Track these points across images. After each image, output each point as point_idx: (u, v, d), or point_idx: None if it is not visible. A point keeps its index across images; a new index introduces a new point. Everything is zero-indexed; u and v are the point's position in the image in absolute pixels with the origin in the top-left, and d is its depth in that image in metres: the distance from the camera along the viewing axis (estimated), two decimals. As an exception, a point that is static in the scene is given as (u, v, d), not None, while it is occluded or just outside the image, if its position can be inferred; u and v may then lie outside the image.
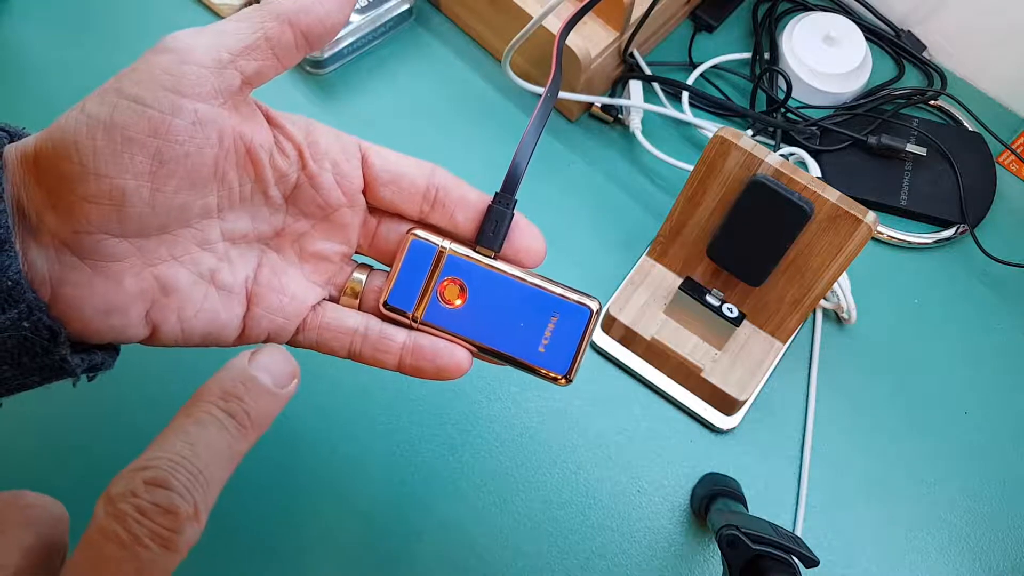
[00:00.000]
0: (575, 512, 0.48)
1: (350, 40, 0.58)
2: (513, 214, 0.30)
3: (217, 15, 0.61)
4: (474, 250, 0.30)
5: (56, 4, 0.61)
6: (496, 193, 0.30)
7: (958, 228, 0.57)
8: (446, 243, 0.30)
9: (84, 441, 0.48)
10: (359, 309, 0.30)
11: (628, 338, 0.50)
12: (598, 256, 0.55)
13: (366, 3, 0.58)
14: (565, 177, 0.57)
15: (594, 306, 0.29)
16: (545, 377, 0.30)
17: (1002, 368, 0.53)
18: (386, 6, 0.58)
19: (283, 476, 0.48)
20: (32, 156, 0.23)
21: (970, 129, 0.60)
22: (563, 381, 0.30)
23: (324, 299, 0.30)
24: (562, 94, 0.55)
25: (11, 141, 0.24)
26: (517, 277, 0.30)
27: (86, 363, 0.25)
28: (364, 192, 0.30)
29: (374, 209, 0.31)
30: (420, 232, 0.30)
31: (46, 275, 0.24)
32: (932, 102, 0.62)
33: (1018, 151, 0.58)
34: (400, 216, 0.31)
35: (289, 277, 0.29)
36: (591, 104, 0.58)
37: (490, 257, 0.30)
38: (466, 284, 0.29)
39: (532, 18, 0.49)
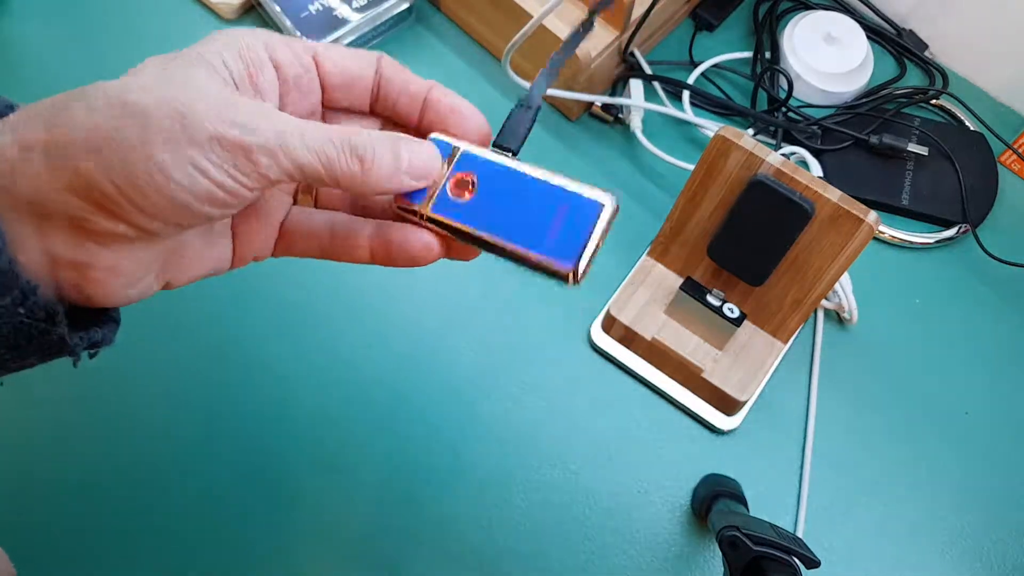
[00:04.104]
0: (576, 512, 0.48)
1: (349, 39, 0.58)
2: (535, 119, 0.29)
3: (216, 14, 0.60)
4: (492, 150, 0.29)
5: (56, 4, 0.61)
6: (519, 98, 0.30)
7: (960, 228, 0.56)
8: (463, 143, 0.29)
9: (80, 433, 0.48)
10: (316, 206, 0.30)
11: (628, 338, 0.50)
12: (598, 256, 0.54)
13: (365, 2, 0.58)
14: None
15: (607, 201, 0.28)
16: (551, 272, 0.27)
17: (1004, 368, 0.53)
18: (385, 5, 0.58)
19: (280, 477, 0.48)
20: (84, 182, 0.22)
21: (972, 128, 0.60)
22: (570, 277, 0.27)
23: (291, 206, 0.30)
24: (562, 93, 0.55)
25: None
26: (530, 172, 0.28)
27: (86, 341, 0.25)
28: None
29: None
30: (438, 135, 0.29)
31: (71, 260, 0.23)
32: (934, 101, 0.61)
33: (1020, 150, 0.58)
34: (348, 111, 0.30)
35: (263, 202, 0.29)
36: (591, 103, 0.58)
37: (507, 155, 0.29)
38: (477, 178, 0.29)
39: (532, 17, 0.48)
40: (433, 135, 0.29)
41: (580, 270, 0.27)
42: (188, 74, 0.24)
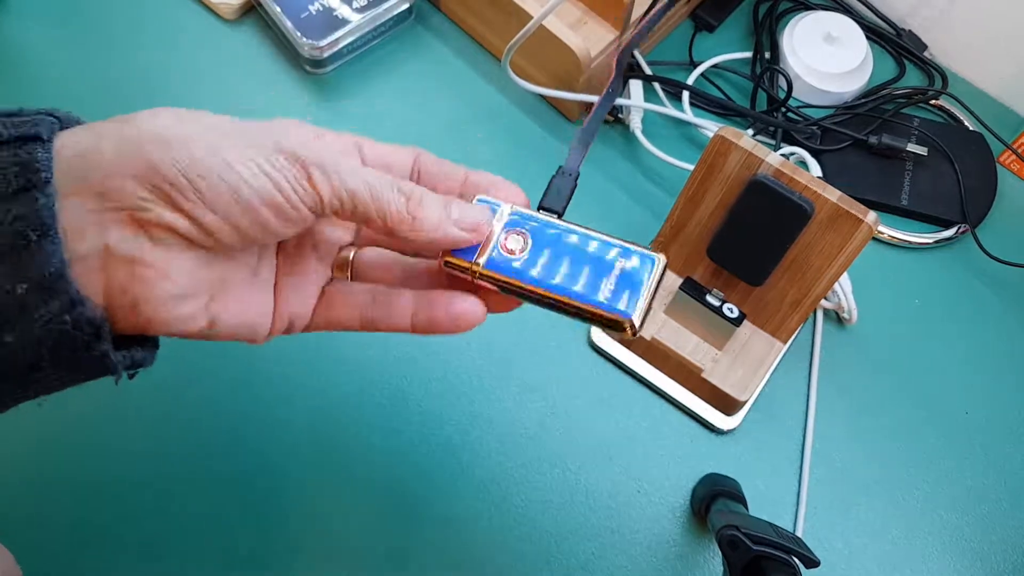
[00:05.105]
0: (575, 513, 0.48)
1: (350, 40, 0.58)
2: (576, 184, 0.32)
3: (216, 14, 0.60)
4: (538, 212, 0.30)
5: (56, 4, 0.61)
6: (560, 167, 0.33)
7: (959, 228, 0.57)
8: (509, 204, 0.30)
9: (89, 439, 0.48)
10: (352, 279, 0.32)
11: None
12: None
13: (366, 3, 0.58)
14: (565, 177, 0.57)
15: (660, 257, 0.28)
16: (611, 323, 0.28)
17: (1003, 368, 0.53)
18: (386, 5, 0.58)
19: (279, 477, 0.48)
20: (151, 168, 0.23)
21: (971, 128, 0.60)
22: (628, 328, 0.28)
23: (330, 276, 0.32)
24: (562, 94, 0.55)
25: (61, 128, 0.24)
26: (581, 229, 0.29)
27: (128, 359, 0.25)
28: None
29: None
30: (484, 196, 0.30)
31: (125, 254, 0.24)
32: (933, 101, 0.62)
33: (1019, 151, 0.58)
34: None
35: (304, 264, 0.30)
36: (591, 104, 0.58)
37: (554, 217, 0.30)
38: (529, 235, 0.29)
39: (532, 18, 0.48)
40: (479, 196, 0.30)
41: (638, 321, 0.28)
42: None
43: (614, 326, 0.28)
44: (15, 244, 0.22)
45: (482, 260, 0.29)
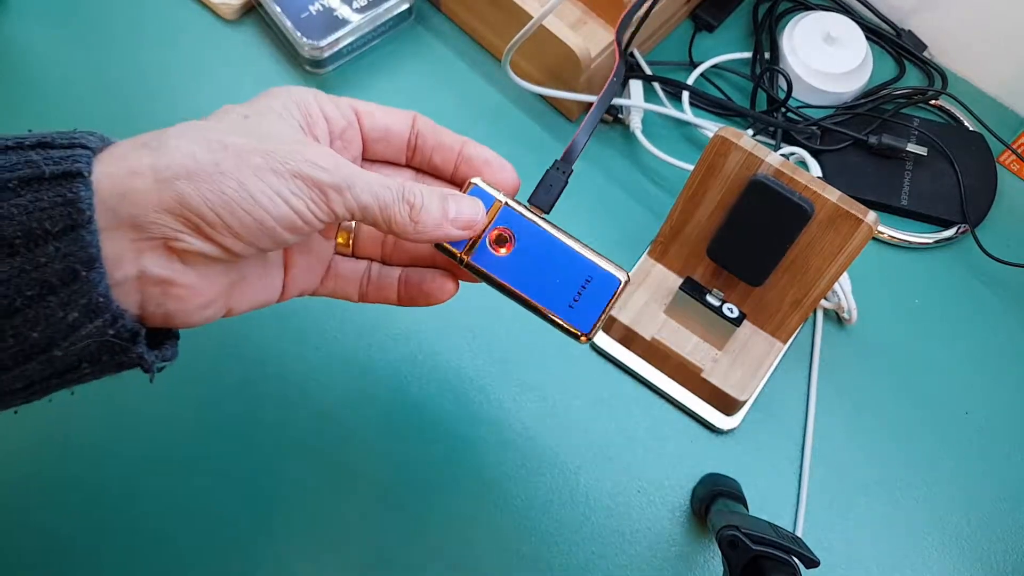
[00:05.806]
0: (575, 513, 0.48)
1: (349, 40, 0.58)
2: (567, 182, 0.33)
3: (216, 14, 0.60)
4: (527, 208, 0.33)
5: (56, 4, 0.61)
6: (556, 161, 0.34)
7: (959, 228, 0.57)
8: (502, 196, 0.32)
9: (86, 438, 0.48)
10: (353, 253, 0.35)
11: (628, 338, 0.50)
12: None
13: (366, 3, 0.58)
14: (565, 177, 0.57)
15: (623, 277, 0.32)
16: (567, 331, 0.33)
17: (1003, 368, 0.53)
18: (385, 5, 0.58)
19: (278, 478, 0.48)
20: (183, 204, 0.25)
21: (971, 129, 0.60)
22: (583, 338, 0.33)
23: (333, 253, 0.34)
24: (562, 94, 0.55)
25: (94, 153, 0.25)
26: (562, 239, 0.32)
27: (160, 358, 0.28)
28: None
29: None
30: (480, 182, 0.32)
31: (159, 276, 0.26)
32: (933, 102, 0.62)
33: (1019, 151, 0.58)
34: (386, 163, 0.34)
35: (310, 243, 0.33)
36: (591, 104, 0.58)
37: (540, 216, 0.33)
38: (515, 235, 0.32)
39: (532, 17, 0.48)
40: (475, 180, 0.32)
41: (592, 335, 0.33)
42: (267, 122, 0.28)
43: (571, 335, 0.33)
44: (65, 278, 0.24)
45: (470, 253, 0.32)
